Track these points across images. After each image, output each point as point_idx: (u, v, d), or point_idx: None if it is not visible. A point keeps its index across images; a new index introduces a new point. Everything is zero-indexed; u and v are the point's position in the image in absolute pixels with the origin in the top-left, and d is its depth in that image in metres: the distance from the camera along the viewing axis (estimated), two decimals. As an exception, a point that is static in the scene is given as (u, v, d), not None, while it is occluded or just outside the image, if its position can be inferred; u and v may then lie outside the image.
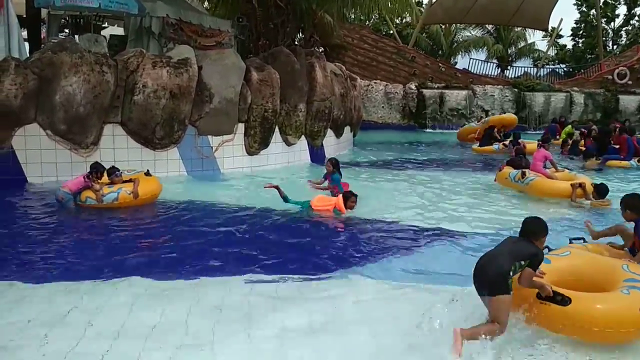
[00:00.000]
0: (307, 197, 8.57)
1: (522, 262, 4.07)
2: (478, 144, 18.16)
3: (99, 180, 8.36)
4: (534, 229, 4.31)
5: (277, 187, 8.49)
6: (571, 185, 9.53)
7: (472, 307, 4.43)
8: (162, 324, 4.42)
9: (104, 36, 14.61)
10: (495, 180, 11.27)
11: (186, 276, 5.57)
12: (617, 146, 14.88)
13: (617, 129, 15.96)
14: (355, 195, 8.23)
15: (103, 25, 17.55)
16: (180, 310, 4.68)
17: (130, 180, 8.58)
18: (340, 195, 8.22)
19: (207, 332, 4.30)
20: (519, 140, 16.13)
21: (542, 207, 9.21)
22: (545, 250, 4.54)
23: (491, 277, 4.03)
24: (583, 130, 18.76)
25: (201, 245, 6.74)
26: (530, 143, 15.83)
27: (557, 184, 9.97)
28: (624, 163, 14.11)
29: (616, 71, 29.08)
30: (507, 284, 4.00)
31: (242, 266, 5.92)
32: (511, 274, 4.04)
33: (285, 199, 8.39)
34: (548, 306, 4.07)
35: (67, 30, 17.63)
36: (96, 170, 8.32)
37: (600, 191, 9.20)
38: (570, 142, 17.19)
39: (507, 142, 16.90)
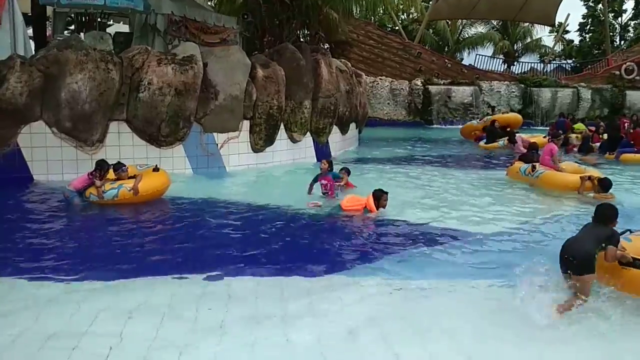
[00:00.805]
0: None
1: (603, 244, 4.82)
2: (484, 141, 18.12)
3: (106, 177, 8.39)
4: (608, 214, 5.07)
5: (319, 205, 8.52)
6: (580, 177, 9.67)
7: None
8: (165, 324, 4.41)
9: (109, 33, 14.62)
10: (506, 174, 11.39)
11: (192, 272, 5.55)
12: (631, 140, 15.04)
13: (633, 123, 16.01)
14: (386, 193, 8.11)
15: (108, 23, 17.60)
16: (185, 308, 4.66)
17: (135, 177, 8.59)
18: (371, 195, 8.09)
19: (213, 332, 4.28)
20: (516, 137, 16.41)
21: (554, 205, 9.21)
22: (627, 233, 5.33)
23: (580, 260, 4.72)
24: (590, 128, 18.76)
25: (206, 243, 6.73)
26: (534, 137, 16.11)
27: (567, 176, 10.09)
28: (639, 157, 14.12)
29: (623, 66, 28.90)
30: (593, 265, 4.73)
31: (248, 264, 5.90)
32: (596, 255, 4.76)
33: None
34: (629, 271, 4.85)
35: (72, 28, 17.69)
36: (100, 168, 8.34)
37: (604, 185, 9.36)
38: (577, 138, 17.19)
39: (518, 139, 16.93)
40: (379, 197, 8.01)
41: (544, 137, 16.75)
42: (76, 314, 4.53)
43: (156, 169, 8.99)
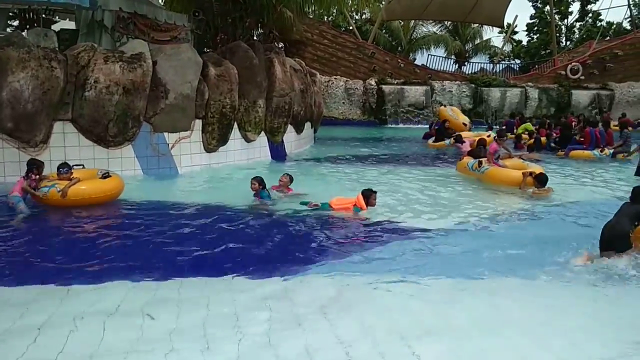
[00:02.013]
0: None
1: (637, 223, 5.72)
2: (433, 140, 18.44)
3: (41, 173, 8.28)
4: None
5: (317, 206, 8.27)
6: (522, 174, 10.13)
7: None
8: (111, 329, 4.24)
9: (54, 30, 14.09)
10: (456, 169, 11.80)
11: (141, 278, 5.37)
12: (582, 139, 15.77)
13: (581, 122, 16.76)
14: (375, 192, 8.21)
15: (54, 19, 16.97)
16: (135, 313, 4.50)
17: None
18: (360, 194, 8.11)
19: (160, 335, 4.14)
20: (463, 140, 16.92)
21: (497, 199, 9.42)
22: None
23: (617, 238, 5.60)
24: (537, 127, 19.54)
25: (156, 246, 6.54)
26: (481, 135, 16.76)
27: (510, 172, 10.56)
28: (587, 153, 14.72)
29: (569, 67, 29.90)
30: (629, 242, 5.62)
31: (198, 267, 5.77)
32: (631, 233, 5.65)
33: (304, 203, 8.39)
34: None
35: (16, 24, 17.01)
36: (35, 166, 8.22)
37: (540, 180, 9.76)
38: (525, 136, 17.93)
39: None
40: (368, 195, 8.09)
41: (488, 136, 17.29)
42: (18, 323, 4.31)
43: (105, 176, 8.64)
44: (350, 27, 33.98)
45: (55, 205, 8.06)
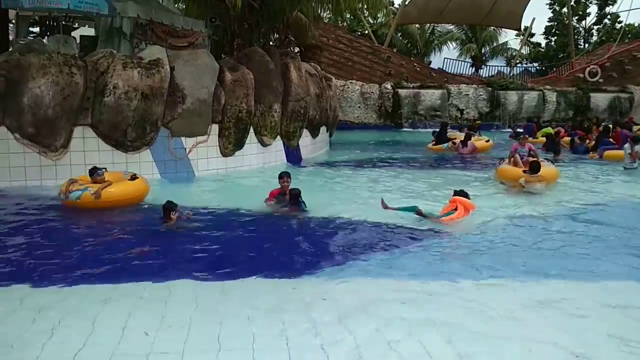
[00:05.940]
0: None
1: None
2: (433, 143, 18.40)
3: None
4: None
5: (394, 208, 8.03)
6: (523, 172, 10.64)
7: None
8: (130, 328, 4.31)
9: (74, 37, 14.35)
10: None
11: (157, 279, 5.45)
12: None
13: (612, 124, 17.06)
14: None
15: (74, 26, 17.26)
16: (150, 317, 4.57)
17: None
18: (462, 198, 7.98)
19: (176, 341, 4.20)
20: (468, 142, 17.03)
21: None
22: None
23: None
24: (559, 128, 19.56)
25: (173, 248, 6.63)
26: (480, 140, 17.61)
27: (512, 170, 11.18)
28: (621, 153, 14.74)
29: (587, 69, 29.60)
30: None
31: (215, 269, 5.84)
32: None
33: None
34: None
35: (37, 31, 17.34)
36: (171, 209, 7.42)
37: (532, 168, 10.38)
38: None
39: (456, 141, 17.51)
40: (468, 196, 8.19)
41: (487, 141, 17.52)
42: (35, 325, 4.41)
43: (133, 177, 8.96)
44: (366, 32, 34.01)
45: (85, 208, 8.22)
